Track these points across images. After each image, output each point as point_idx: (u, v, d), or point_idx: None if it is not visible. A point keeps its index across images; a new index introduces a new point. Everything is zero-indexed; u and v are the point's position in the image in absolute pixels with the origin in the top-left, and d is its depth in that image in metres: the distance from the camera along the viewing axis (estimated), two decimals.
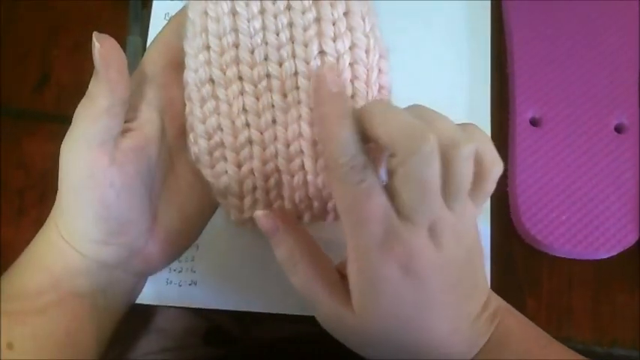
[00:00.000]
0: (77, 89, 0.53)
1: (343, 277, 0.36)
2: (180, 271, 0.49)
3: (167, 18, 0.54)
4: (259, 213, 0.36)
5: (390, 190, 0.32)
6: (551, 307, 0.49)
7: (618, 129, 0.51)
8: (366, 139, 0.33)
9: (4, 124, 0.53)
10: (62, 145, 0.36)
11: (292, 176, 0.37)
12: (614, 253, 0.48)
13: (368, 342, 0.36)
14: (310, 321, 0.38)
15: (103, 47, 0.34)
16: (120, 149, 0.36)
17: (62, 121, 0.52)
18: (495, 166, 0.34)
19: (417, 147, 0.30)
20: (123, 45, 0.53)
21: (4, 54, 0.55)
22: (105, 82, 0.34)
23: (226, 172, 0.38)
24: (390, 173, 0.32)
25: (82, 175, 0.35)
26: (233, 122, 0.37)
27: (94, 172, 0.35)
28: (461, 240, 0.34)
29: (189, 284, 0.49)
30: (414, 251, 0.33)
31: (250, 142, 0.37)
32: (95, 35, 0.34)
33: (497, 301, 0.39)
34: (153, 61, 0.38)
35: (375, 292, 0.34)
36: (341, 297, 0.35)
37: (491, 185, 0.35)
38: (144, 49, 0.53)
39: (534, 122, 0.51)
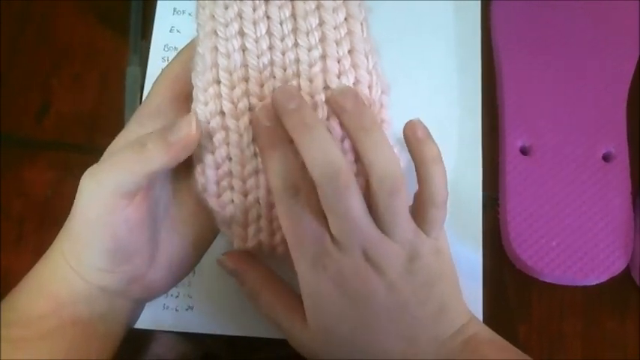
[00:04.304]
0: (77, 119, 0.55)
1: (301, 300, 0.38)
2: (177, 297, 0.50)
3: (166, 49, 0.55)
4: (221, 258, 0.40)
5: None
6: (543, 333, 0.50)
7: (606, 158, 0.52)
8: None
9: (5, 152, 0.54)
10: (87, 178, 0.36)
11: None
12: (603, 279, 0.49)
13: (326, 357, 0.38)
14: None
15: (196, 133, 0.35)
16: None
17: (62, 149, 0.54)
18: (437, 199, 0.37)
19: (328, 182, 0.34)
20: (122, 75, 0.55)
21: (6, 84, 0.56)
22: (168, 155, 0.35)
23: (232, 201, 0.38)
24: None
25: (101, 212, 0.35)
26: (242, 152, 0.38)
27: (112, 211, 0.35)
28: (410, 265, 0.36)
29: (186, 309, 0.49)
30: (346, 272, 0.35)
31: (257, 171, 0.38)
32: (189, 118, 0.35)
33: (477, 328, 0.39)
34: (161, 93, 0.39)
35: (318, 307, 0.37)
36: (299, 317, 0.38)
37: (436, 212, 0.37)
38: (143, 79, 0.54)
39: (524, 151, 0.52)
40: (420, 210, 0.37)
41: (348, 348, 0.37)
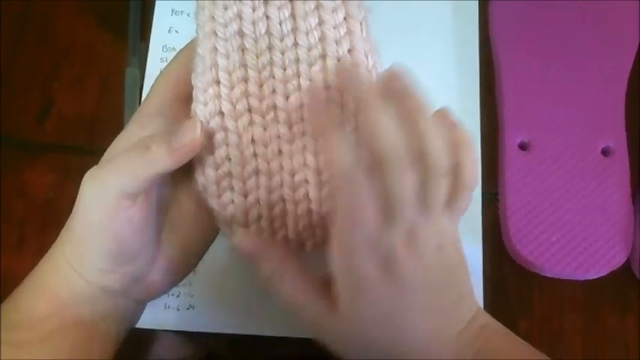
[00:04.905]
0: (78, 121, 0.55)
1: (326, 284, 0.37)
2: (178, 296, 0.50)
3: (165, 50, 0.55)
4: (238, 242, 0.38)
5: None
6: (543, 329, 0.50)
7: (605, 152, 0.52)
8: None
9: (6, 154, 0.54)
10: (89, 180, 0.36)
11: (296, 205, 0.38)
12: (603, 273, 0.49)
13: (353, 343, 0.38)
14: (308, 343, 0.39)
15: (200, 137, 0.36)
16: None
17: (63, 151, 0.54)
18: (470, 184, 0.37)
19: (393, 163, 0.33)
20: (122, 77, 0.55)
21: (7, 86, 0.56)
22: (172, 158, 0.35)
23: (232, 201, 0.38)
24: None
25: (103, 214, 0.35)
26: (242, 153, 0.38)
27: (115, 213, 0.35)
28: (440, 249, 0.36)
29: (187, 308, 0.50)
30: (392, 253, 0.35)
31: (257, 172, 0.38)
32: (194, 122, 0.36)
33: (486, 319, 0.40)
34: (161, 94, 0.39)
35: (359, 290, 0.36)
36: (327, 302, 0.37)
37: (467, 197, 0.37)
38: (142, 80, 0.54)
39: (523, 147, 0.52)
40: (452, 195, 0.36)
41: (376, 335, 0.37)
